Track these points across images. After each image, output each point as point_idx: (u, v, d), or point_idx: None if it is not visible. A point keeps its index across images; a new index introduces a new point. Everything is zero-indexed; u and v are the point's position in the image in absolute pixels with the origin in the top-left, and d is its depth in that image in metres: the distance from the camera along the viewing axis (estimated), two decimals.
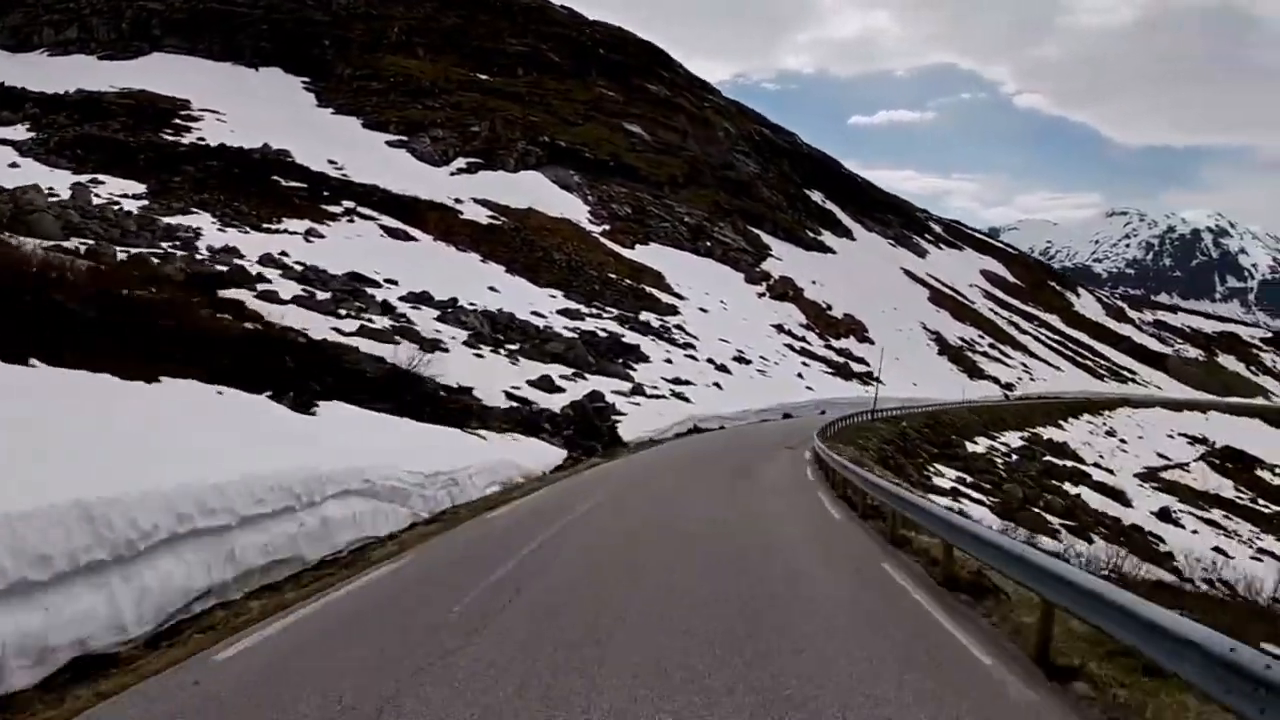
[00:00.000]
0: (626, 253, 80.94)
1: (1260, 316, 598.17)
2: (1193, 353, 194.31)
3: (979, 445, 48.13)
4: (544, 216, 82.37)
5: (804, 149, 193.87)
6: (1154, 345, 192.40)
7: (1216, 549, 42.64)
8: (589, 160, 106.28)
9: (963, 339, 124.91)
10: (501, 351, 29.41)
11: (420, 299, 36.37)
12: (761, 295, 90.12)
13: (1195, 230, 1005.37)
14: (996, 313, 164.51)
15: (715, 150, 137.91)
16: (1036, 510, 29.82)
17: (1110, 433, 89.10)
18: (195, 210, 55.46)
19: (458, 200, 78.23)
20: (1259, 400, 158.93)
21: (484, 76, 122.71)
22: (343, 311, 29.51)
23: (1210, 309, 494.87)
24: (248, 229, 50.99)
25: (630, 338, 43.83)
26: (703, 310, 69.03)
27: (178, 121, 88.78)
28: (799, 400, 45.92)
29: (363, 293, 34.19)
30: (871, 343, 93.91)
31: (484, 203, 79.83)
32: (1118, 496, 48.86)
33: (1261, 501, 72.74)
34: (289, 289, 32.82)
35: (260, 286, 31.72)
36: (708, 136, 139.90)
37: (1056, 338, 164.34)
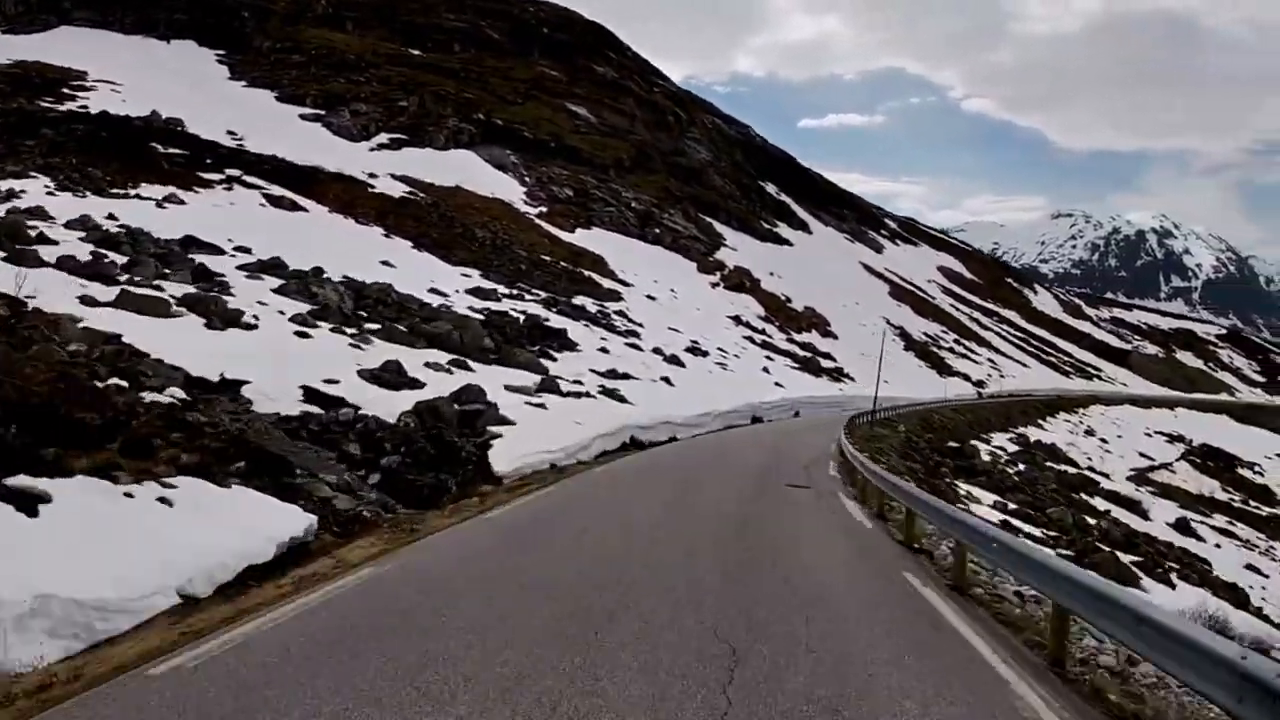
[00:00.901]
0: (565, 236, 72.05)
1: (1205, 315, 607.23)
2: (1151, 349, 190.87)
3: (982, 451, 40.28)
4: (472, 195, 73.24)
5: (756, 140, 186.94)
6: (1114, 342, 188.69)
7: (1250, 567, 36.97)
8: (528, 140, 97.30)
9: (927, 334, 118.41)
10: (348, 331, 20.31)
11: (268, 268, 27.15)
12: (716, 285, 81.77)
13: (1140, 231, 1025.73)
14: (958, 309, 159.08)
15: (665, 136, 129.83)
16: (1102, 546, 21.69)
17: (1090, 432, 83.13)
18: (35, 174, 45.99)
19: (372, 174, 68.72)
20: (1223, 396, 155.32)
21: (416, 52, 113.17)
22: (123, 278, 20.40)
23: (1156, 308, 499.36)
24: (87, 193, 41.49)
25: (557, 321, 34.96)
26: (650, 298, 60.40)
27: (64, 91, 78.02)
28: (768, 400, 37.25)
29: (181, 258, 24.91)
30: (835, 337, 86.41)
31: (403, 179, 70.41)
32: (1133, 506, 42.17)
33: (1254, 503, 68.41)
34: (75, 251, 23.74)
35: (27, 248, 22.78)
36: (657, 121, 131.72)
37: (1019, 334, 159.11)
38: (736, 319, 69.13)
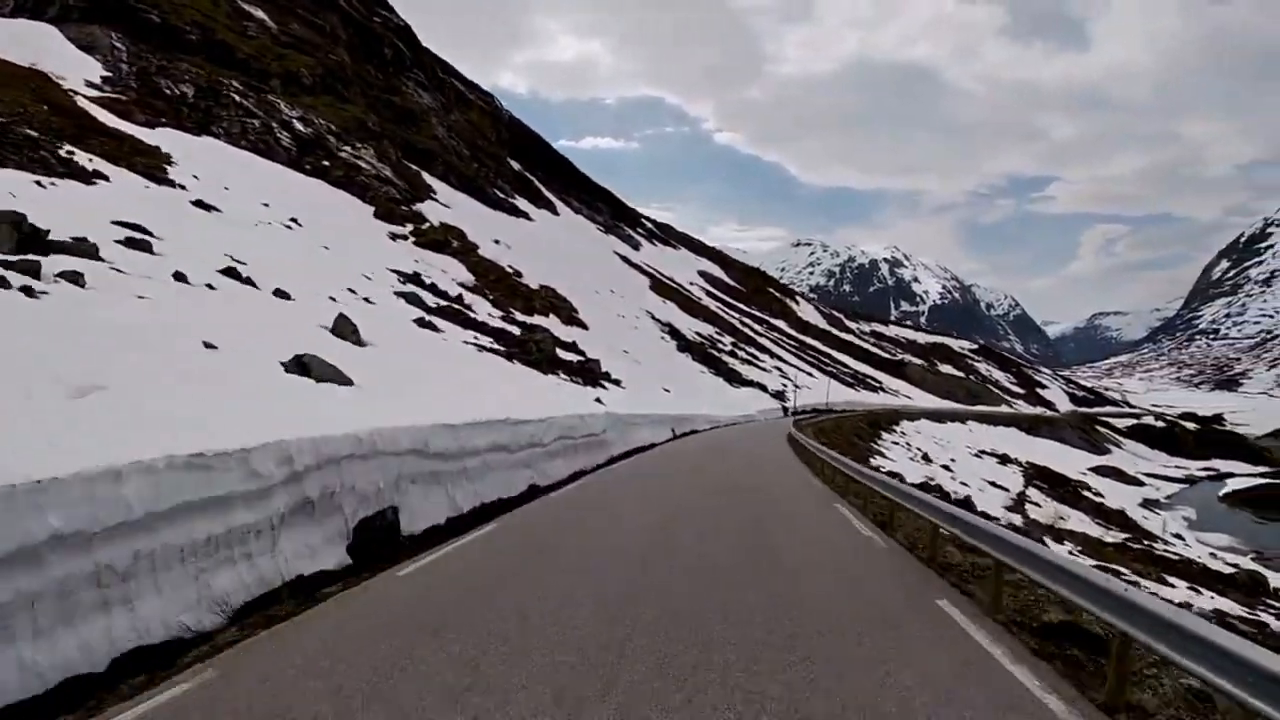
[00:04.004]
0: (127, 127, 41.14)
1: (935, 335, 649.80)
2: (917, 362, 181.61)
3: None
4: None
5: (504, 114, 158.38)
6: (883, 354, 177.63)
7: None
8: (153, 25, 64.43)
9: (700, 335, 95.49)
10: None
11: None
12: (402, 238, 53.21)
13: (873, 261, 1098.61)
14: (727, 313, 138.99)
15: (378, 72, 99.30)
16: None
17: (926, 457, 62.23)
18: None
19: None
20: (1003, 409, 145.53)
21: None
22: None
23: (912, 325, 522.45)
24: None
25: None
26: (206, 206, 31.30)
27: None
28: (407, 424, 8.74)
29: None
30: (585, 327, 60.22)
31: None
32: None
33: (1148, 542, 48.89)
34: None
35: None
36: (369, 50, 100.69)
37: (795, 344, 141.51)
38: (414, 277, 40.84)
